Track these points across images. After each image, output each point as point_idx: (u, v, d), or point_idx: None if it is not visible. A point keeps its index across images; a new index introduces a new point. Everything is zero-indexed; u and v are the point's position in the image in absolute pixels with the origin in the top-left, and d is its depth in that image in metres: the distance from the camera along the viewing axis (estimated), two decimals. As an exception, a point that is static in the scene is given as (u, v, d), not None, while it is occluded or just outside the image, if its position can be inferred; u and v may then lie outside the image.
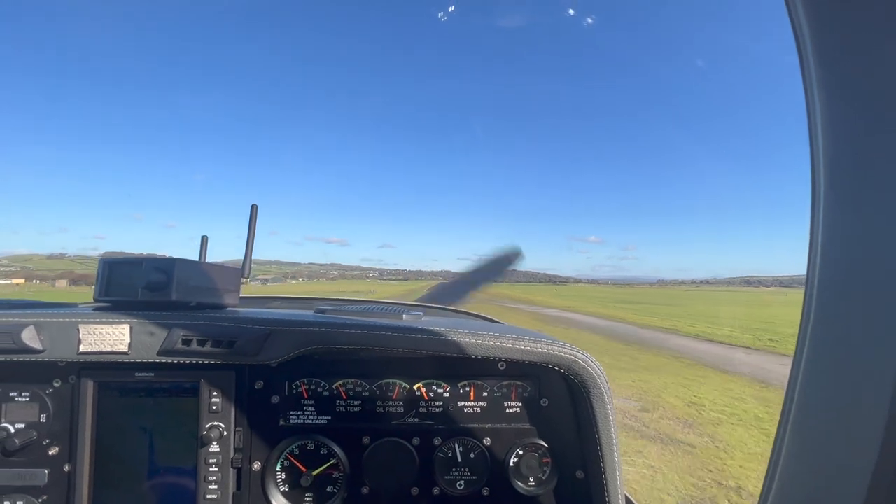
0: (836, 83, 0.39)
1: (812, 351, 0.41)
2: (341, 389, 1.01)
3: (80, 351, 0.88)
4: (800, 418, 0.42)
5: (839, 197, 0.39)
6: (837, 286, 0.39)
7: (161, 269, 0.94)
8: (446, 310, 1.81)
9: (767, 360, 11.40)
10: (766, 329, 19.51)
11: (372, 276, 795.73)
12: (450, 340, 0.89)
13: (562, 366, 0.90)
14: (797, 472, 0.41)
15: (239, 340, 0.89)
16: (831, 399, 0.39)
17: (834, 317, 0.40)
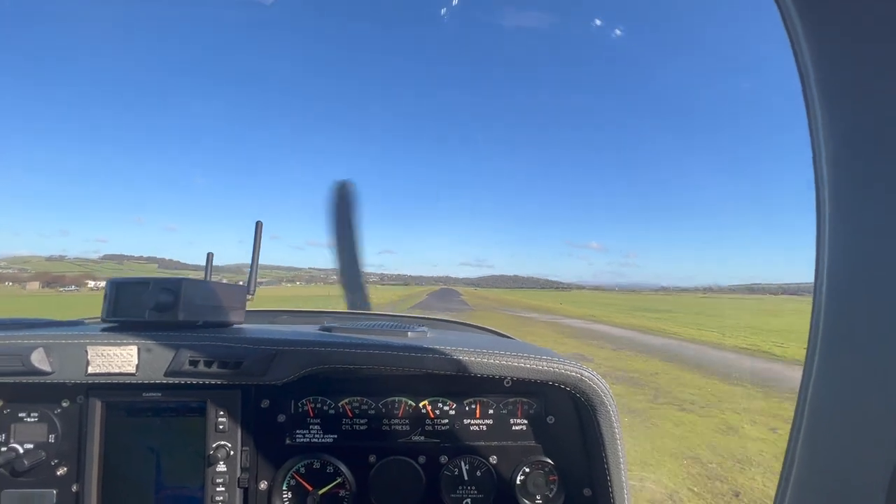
0: (835, 86, 0.38)
1: (823, 357, 0.40)
2: (347, 408, 1.00)
3: (88, 372, 0.88)
4: (812, 425, 0.41)
5: (844, 201, 0.39)
6: (846, 291, 0.39)
7: (168, 290, 0.94)
8: (454, 323, 1.77)
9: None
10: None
11: (373, 280, 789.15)
12: (454, 359, 0.89)
13: (568, 384, 0.90)
14: (810, 479, 0.41)
15: (245, 361, 0.89)
16: (844, 405, 0.39)
17: (844, 321, 0.39)
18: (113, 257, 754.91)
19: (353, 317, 1.76)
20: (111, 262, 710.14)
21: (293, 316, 1.66)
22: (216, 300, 1.05)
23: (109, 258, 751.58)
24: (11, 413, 0.93)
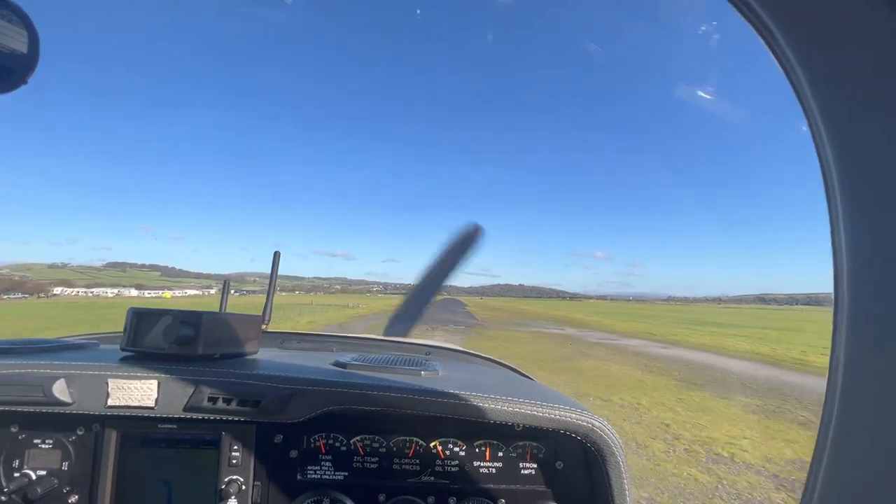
0: (830, 88, 0.38)
1: (848, 358, 0.40)
2: (359, 445, 1.00)
3: (108, 405, 0.88)
4: (841, 426, 0.40)
5: (856, 205, 0.39)
6: (869, 296, 0.38)
7: (189, 324, 0.96)
8: (467, 355, 1.74)
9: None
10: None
11: (376, 289, 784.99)
12: (467, 405, 0.90)
13: (579, 433, 0.90)
14: (839, 482, 0.40)
15: (264, 399, 0.90)
16: (872, 407, 0.38)
17: (868, 319, 0.38)
18: (116, 265, 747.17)
19: (362, 345, 1.73)
20: (114, 270, 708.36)
21: (301, 340, 1.67)
22: (233, 332, 1.07)
23: (112, 265, 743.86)
24: (26, 439, 0.93)
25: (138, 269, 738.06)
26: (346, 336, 1.86)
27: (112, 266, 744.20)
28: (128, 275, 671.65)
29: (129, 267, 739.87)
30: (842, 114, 0.38)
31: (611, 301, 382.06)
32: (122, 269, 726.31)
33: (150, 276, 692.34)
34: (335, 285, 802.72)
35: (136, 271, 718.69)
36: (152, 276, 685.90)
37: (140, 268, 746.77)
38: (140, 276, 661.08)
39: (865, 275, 0.39)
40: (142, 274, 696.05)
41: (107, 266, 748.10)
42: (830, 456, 0.41)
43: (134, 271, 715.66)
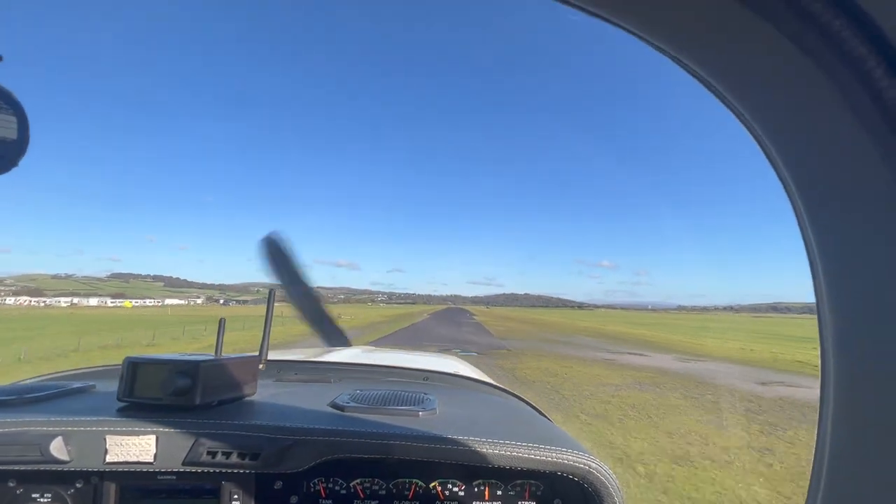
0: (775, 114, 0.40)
1: (837, 362, 0.40)
2: (358, 488, 1.00)
3: (106, 461, 0.88)
4: (839, 422, 0.40)
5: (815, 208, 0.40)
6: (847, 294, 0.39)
7: (186, 374, 0.96)
8: (469, 381, 1.70)
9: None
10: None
11: (380, 299, 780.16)
12: (464, 450, 0.91)
13: (576, 475, 0.91)
14: (843, 481, 0.40)
15: (263, 452, 0.89)
16: (866, 411, 0.38)
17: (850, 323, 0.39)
18: (119, 275, 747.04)
19: (359, 373, 1.70)
20: (117, 281, 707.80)
21: (298, 370, 1.64)
22: (231, 378, 1.07)
23: (116, 276, 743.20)
24: (24, 493, 0.92)
25: (142, 279, 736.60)
26: (342, 363, 1.84)
27: (115, 277, 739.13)
28: (131, 285, 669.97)
29: (132, 278, 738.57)
30: (778, 114, 0.40)
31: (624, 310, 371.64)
32: (126, 280, 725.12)
33: (153, 286, 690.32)
34: (339, 295, 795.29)
35: (140, 282, 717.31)
36: (155, 287, 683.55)
37: (143, 279, 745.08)
38: (143, 287, 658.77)
39: (841, 279, 0.39)
40: (145, 285, 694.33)
41: (111, 277, 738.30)
42: (830, 463, 0.41)
43: (137, 282, 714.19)
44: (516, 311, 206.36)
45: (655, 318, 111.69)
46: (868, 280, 0.37)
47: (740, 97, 0.41)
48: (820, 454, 0.42)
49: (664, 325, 59.08)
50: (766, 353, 21.02)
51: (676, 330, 45.75)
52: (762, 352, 21.33)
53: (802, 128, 0.39)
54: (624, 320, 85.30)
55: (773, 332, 44.99)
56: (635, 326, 52.55)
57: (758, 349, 22.71)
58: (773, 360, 17.96)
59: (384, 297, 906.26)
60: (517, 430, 1.02)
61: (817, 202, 0.40)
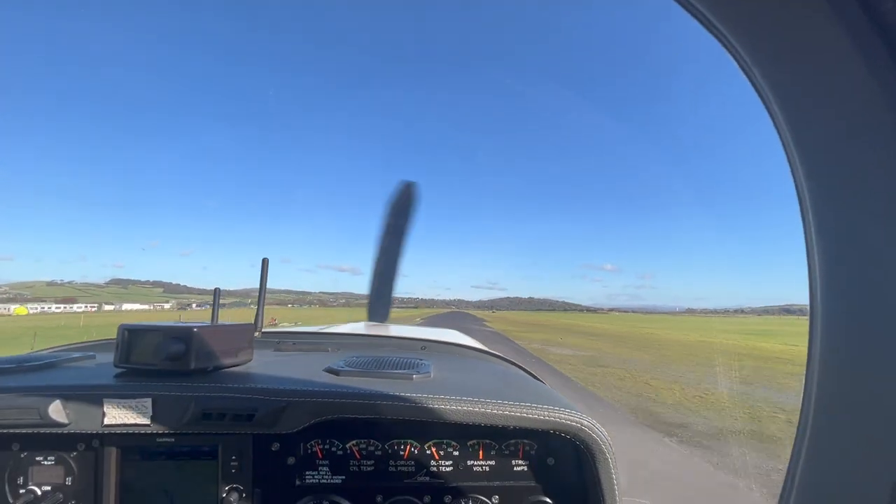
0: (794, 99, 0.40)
1: (824, 360, 0.41)
2: (355, 449, 1.03)
3: (104, 424, 0.90)
4: (818, 423, 0.41)
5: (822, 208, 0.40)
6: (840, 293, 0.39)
7: (180, 339, 0.97)
8: (464, 349, 1.71)
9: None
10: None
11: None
12: (457, 409, 0.92)
13: (569, 433, 0.92)
14: (816, 481, 0.41)
15: (257, 413, 0.91)
16: (850, 402, 0.38)
17: (841, 321, 0.39)
18: (119, 281, 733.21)
19: (357, 344, 1.71)
20: (116, 287, 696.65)
21: (297, 341, 1.65)
22: (225, 344, 1.08)
23: (115, 282, 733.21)
24: (28, 456, 0.96)
25: (141, 285, 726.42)
26: (341, 334, 1.83)
27: (115, 283, 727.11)
28: (129, 291, 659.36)
29: (131, 284, 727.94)
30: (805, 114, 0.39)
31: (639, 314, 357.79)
32: (125, 286, 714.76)
33: (153, 292, 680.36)
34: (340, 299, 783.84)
35: (139, 288, 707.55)
36: (155, 293, 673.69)
37: (143, 284, 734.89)
38: (144, 293, 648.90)
39: (836, 278, 0.39)
40: (145, 290, 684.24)
41: (109, 283, 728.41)
42: (807, 458, 0.41)
43: (137, 288, 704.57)
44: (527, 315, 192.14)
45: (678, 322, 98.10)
46: (867, 279, 0.37)
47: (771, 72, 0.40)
48: (797, 451, 0.42)
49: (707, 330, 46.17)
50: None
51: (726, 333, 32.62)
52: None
53: (828, 116, 0.38)
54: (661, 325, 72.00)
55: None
56: (687, 332, 40.63)
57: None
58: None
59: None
60: (510, 391, 1.04)
61: (827, 196, 0.39)
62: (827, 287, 0.41)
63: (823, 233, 0.41)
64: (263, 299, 1.28)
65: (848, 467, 0.39)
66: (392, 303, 2.40)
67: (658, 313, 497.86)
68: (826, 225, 0.40)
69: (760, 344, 26.96)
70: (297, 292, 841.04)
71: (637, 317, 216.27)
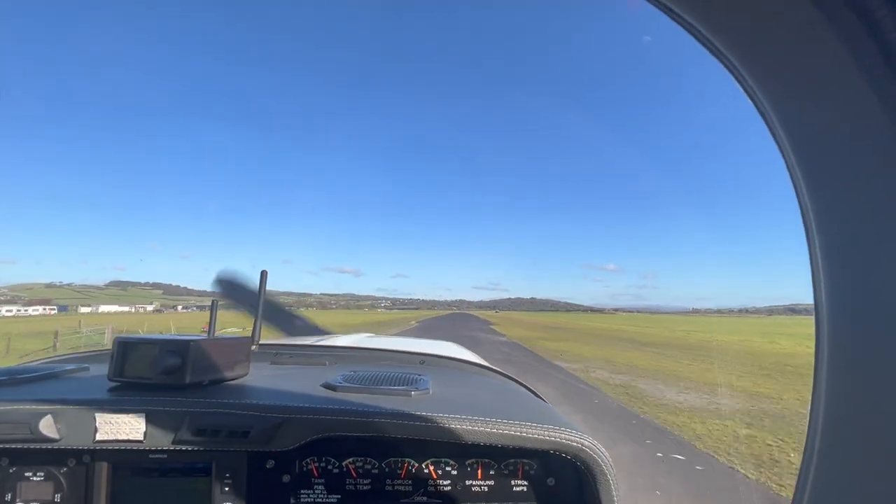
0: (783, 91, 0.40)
1: (831, 354, 0.40)
2: (351, 467, 1.00)
3: (96, 440, 0.88)
4: (828, 423, 0.41)
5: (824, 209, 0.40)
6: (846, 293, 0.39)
7: (176, 353, 0.95)
8: (465, 363, 1.67)
9: None
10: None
11: (384, 305, 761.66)
12: (455, 428, 0.90)
13: (569, 453, 0.90)
14: (829, 481, 0.41)
15: (252, 430, 0.89)
16: (860, 401, 0.38)
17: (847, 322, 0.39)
18: (118, 283, 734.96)
19: (355, 357, 1.68)
20: (115, 289, 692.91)
21: (294, 353, 1.61)
22: (222, 358, 1.06)
23: (114, 284, 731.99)
24: (17, 472, 0.93)
25: (140, 287, 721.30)
26: (338, 346, 1.82)
27: (114, 285, 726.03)
28: (128, 293, 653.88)
29: (130, 286, 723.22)
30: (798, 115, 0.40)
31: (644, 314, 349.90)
32: (124, 287, 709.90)
33: (152, 294, 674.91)
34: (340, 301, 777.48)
35: (138, 290, 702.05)
36: (154, 295, 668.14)
37: (142, 286, 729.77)
38: (143, 295, 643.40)
39: (840, 277, 0.39)
40: (144, 292, 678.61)
41: (108, 285, 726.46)
42: (818, 458, 0.41)
43: (136, 290, 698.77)
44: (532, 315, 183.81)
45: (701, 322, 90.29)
46: (869, 278, 0.37)
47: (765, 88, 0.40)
48: (809, 451, 0.42)
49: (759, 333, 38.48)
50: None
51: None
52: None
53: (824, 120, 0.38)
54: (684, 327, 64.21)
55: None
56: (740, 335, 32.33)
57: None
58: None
59: (387, 302, 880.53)
60: (510, 409, 1.02)
61: (827, 197, 0.39)
62: (831, 285, 0.40)
63: (824, 231, 0.40)
64: (260, 311, 1.29)
65: (860, 467, 0.38)
66: (295, 318, 2.32)
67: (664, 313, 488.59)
68: (826, 224, 0.40)
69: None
70: (298, 294, 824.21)
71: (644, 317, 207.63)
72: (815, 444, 0.41)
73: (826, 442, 0.40)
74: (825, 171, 0.40)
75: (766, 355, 19.26)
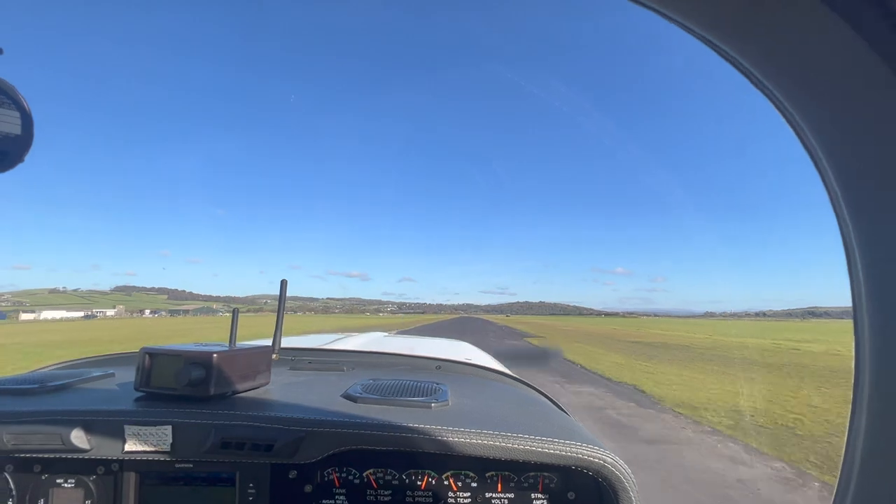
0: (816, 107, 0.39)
1: (872, 356, 0.40)
2: (371, 478, 1.01)
3: (124, 451, 0.92)
4: (871, 427, 0.40)
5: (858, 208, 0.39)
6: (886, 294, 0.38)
7: (200, 365, 0.99)
8: (481, 369, 1.67)
9: None
10: None
11: (389, 309, 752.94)
12: (476, 444, 0.91)
13: (590, 469, 0.90)
14: (871, 484, 0.40)
15: (276, 444, 0.92)
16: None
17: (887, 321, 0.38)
18: (122, 289, 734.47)
19: (372, 363, 1.69)
20: (120, 294, 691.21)
21: (312, 359, 1.66)
22: (244, 369, 1.10)
23: (119, 289, 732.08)
24: (49, 479, 0.98)
25: (145, 292, 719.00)
26: (355, 352, 1.85)
27: (119, 290, 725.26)
28: (133, 298, 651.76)
29: (135, 291, 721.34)
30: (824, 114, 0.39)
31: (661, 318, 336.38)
32: (129, 292, 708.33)
33: (157, 299, 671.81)
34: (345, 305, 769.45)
35: (143, 295, 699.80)
36: (159, 300, 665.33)
37: (148, 291, 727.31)
38: (148, 299, 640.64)
39: (879, 278, 0.39)
40: (149, 297, 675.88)
41: (114, 290, 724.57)
42: (861, 461, 0.40)
43: (141, 294, 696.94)
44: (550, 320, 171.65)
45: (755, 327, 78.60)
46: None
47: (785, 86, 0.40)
48: (851, 453, 0.41)
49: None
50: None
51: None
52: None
53: (851, 118, 0.37)
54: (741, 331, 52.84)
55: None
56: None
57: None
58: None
59: (394, 306, 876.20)
60: (530, 422, 1.02)
61: (863, 195, 0.38)
62: (870, 287, 0.40)
63: (862, 230, 0.40)
64: (281, 320, 1.33)
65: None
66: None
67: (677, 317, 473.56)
68: (863, 224, 0.39)
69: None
70: (304, 298, 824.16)
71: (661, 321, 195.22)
72: (858, 446, 0.40)
73: (868, 445, 0.39)
74: (857, 168, 0.39)
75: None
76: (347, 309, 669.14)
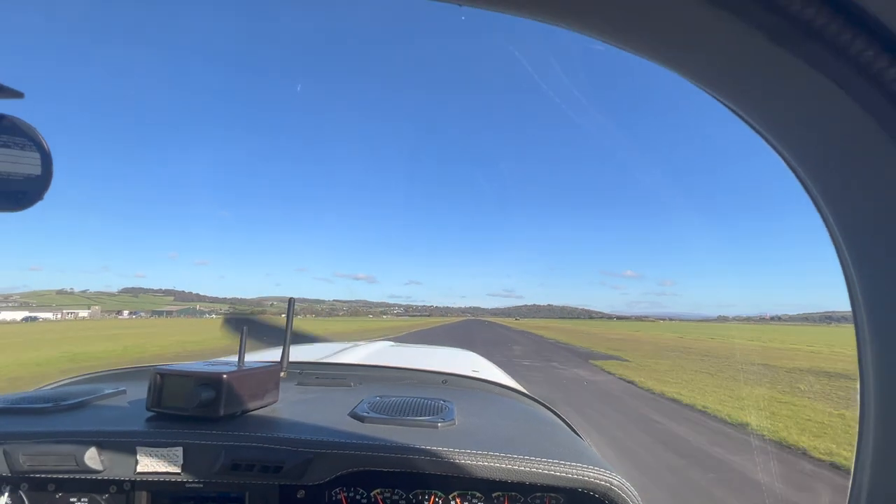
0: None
1: (875, 358, 0.39)
2: (379, 498, 1.03)
3: (137, 471, 0.94)
4: (879, 429, 0.40)
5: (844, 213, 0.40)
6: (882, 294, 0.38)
7: (211, 387, 1.01)
8: (487, 383, 1.67)
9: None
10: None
11: (396, 311, 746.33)
12: (482, 466, 0.91)
13: (597, 492, 0.91)
14: (885, 486, 0.39)
15: (285, 466, 0.93)
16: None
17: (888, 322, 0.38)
18: (129, 290, 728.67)
19: (378, 378, 1.69)
20: (127, 295, 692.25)
21: (319, 374, 1.67)
22: (253, 388, 1.12)
23: (126, 291, 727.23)
24: (63, 498, 1.00)
25: (152, 294, 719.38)
26: (361, 365, 1.86)
27: (126, 291, 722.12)
28: (139, 299, 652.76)
29: (142, 292, 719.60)
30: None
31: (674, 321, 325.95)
32: (136, 294, 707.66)
33: (163, 300, 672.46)
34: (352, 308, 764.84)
35: (150, 296, 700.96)
36: (166, 301, 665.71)
37: (154, 293, 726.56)
38: (154, 301, 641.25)
39: (874, 279, 0.39)
40: (155, 299, 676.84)
41: (121, 291, 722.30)
42: (873, 463, 0.40)
43: (147, 296, 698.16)
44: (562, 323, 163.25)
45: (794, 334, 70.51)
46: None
47: (758, 117, 0.42)
48: (863, 453, 0.41)
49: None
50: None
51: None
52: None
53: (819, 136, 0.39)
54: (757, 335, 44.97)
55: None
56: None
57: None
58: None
59: (400, 308, 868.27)
60: (537, 442, 1.03)
61: (845, 208, 0.39)
62: (866, 288, 0.40)
63: (848, 233, 0.40)
64: (289, 338, 1.34)
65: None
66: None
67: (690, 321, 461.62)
68: (850, 226, 0.40)
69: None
70: (310, 300, 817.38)
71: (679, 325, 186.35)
72: (868, 450, 0.40)
73: (879, 447, 0.39)
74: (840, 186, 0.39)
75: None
76: (353, 311, 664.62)
